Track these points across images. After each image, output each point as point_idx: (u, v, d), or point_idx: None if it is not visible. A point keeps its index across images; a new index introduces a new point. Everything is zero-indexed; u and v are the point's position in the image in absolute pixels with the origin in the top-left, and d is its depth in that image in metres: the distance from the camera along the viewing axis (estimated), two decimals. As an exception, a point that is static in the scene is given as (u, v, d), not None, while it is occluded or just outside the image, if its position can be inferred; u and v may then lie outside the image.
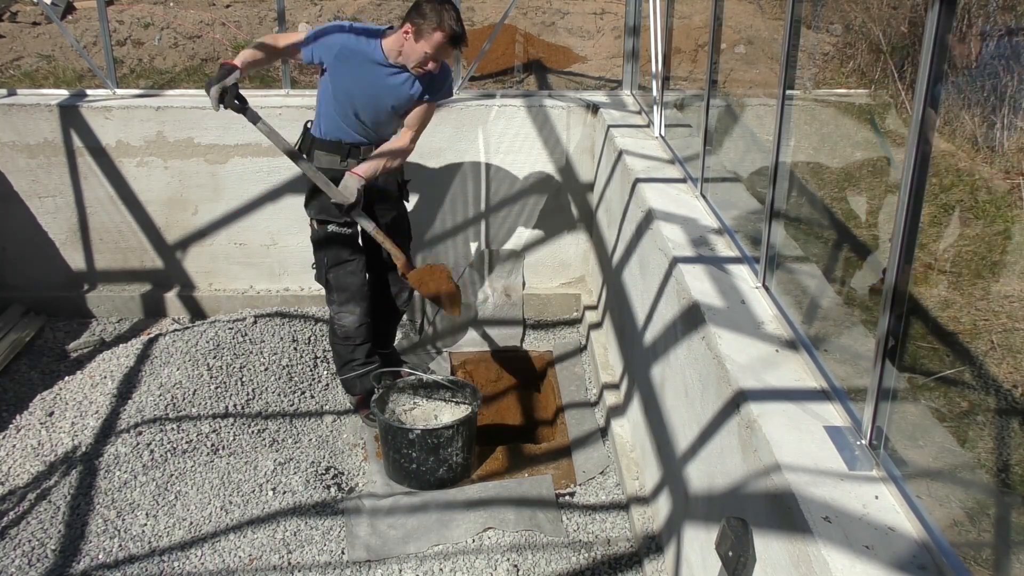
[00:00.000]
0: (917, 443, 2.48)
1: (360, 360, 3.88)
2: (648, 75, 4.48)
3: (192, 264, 4.86)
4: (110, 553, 3.07)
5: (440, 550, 3.09)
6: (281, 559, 3.07)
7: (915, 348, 3.05)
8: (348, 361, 3.90)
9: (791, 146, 2.65)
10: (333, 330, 3.89)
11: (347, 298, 3.79)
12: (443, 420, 3.78)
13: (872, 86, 5.30)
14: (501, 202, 4.80)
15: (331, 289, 3.81)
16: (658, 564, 2.94)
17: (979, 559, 2.09)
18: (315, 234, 3.78)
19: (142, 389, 3.87)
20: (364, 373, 3.87)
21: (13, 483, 3.42)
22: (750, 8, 6.79)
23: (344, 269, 3.76)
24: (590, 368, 4.36)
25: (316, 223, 3.75)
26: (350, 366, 3.90)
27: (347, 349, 3.88)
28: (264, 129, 3.51)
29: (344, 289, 3.78)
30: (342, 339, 3.86)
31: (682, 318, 2.72)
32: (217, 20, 6.46)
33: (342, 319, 3.82)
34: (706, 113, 3.33)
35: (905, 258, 1.74)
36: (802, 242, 3.71)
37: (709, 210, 3.26)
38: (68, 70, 5.73)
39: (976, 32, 4.79)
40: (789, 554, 1.75)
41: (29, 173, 4.62)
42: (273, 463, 3.48)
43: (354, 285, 3.78)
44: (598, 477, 3.55)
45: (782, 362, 2.27)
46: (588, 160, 4.74)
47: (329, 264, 3.76)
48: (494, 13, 6.57)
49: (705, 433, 2.42)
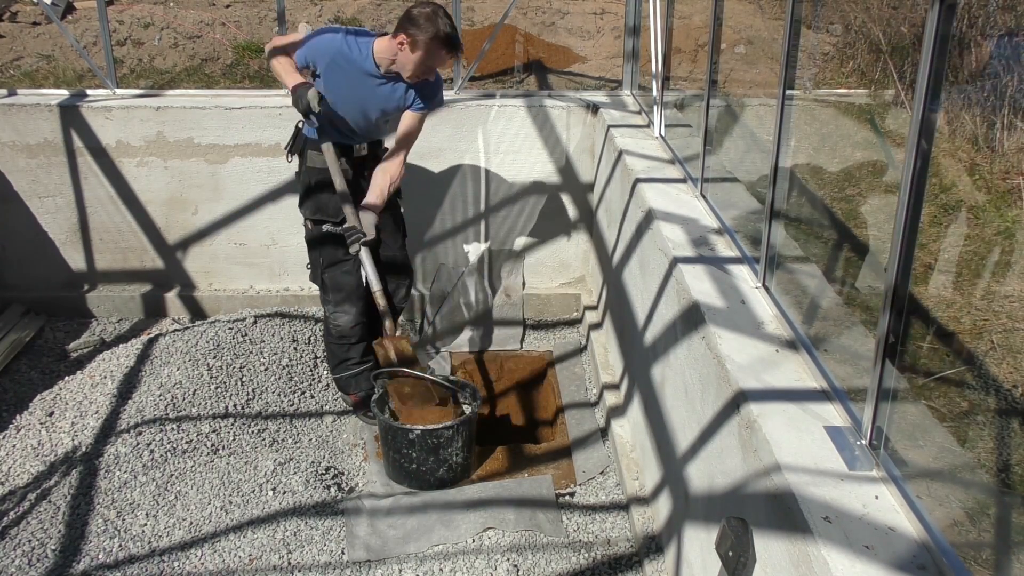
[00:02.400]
0: (917, 443, 2.48)
1: (355, 359, 3.88)
2: (648, 75, 4.48)
3: (192, 264, 4.86)
4: (110, 553, 3.07)
5: (440, 550, 3.09)
6: (281, 559, 3.07)
7: (915, 348, 3.05)
8: (343, 360, 3.89)
9: (791, 146, 2.65)
10: (328, 329, 3.89)
11: (342, 298, 3.78)
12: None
13: (872, 86, 5.30)
14: (501, 202, 4.80)
15: (326, 289, 3.80)
16: (658, 564, 2.94)
17: (979, 559, 2.09)
18: (310, 234, 3.78)
19: (142, 389, 3.87)
20: (358, 373, 3.87)
21: (13, 483, 3.42)
22: (750, 8, 6.79)
23: (339, 269, 3.75)
24: (590, 368, 4.36)
25: (311, 223, 3.74)
26: (344, 365, 3.89)
27: (342, 348, 3.87)
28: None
29: (340, 289, 3.77)
30: (337, 338, 3.86)
31: (682, 318, 2.72)
32: (217, 20, 6.46)
33: (337, 319, 3.81)
34: (706, 113, 3.33)
35: (905, 258, 1.74)
36: (802, 242, 3.71)
37: (709, 210, 3.26)
38: (68, 70, 5.73)
39: (977, 32, 4.80)
40: (789, 554, 1.75)
41: (29, 173, 4.62)
42: (273, 463, 3.48)
43: (350, 285, 3.77)
44: (598, 477, 3.55)
45: (782, 362, 2.27)
46: (588, 160, 4.74)
47: (324, 264, 3.76)
48: (494, 13, 6.57)
49: (705, 433, 2.42)
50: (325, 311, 3.88)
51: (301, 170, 3.77)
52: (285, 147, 3.80)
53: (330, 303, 3.82)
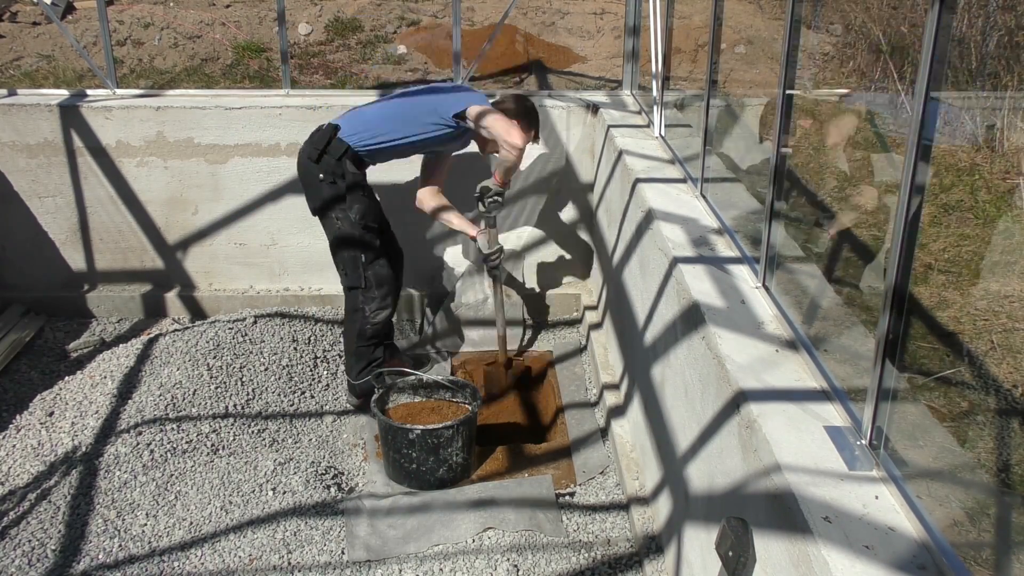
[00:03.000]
0: (917, 443, 2.48)
1: (380, 359, 3.91)
2: (648, 75, 4.48)
3: (192, 264, 4.86)
4: (110, 553, 3.07)
5: (440, 550, 3.09)
6: (281, 559, 3.07)
7: (915, 348, 3.05)
8: (370, 362, 3.91)
9: (791, 146, 2.64)
10: (361, 330, 3.87)
11: (386, 292, 3.86)
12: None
13: (872, 86, 5.30)
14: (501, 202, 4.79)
15: (370, 286, 3.84)
16: (658, 564, 2.94)
17: (979, 559, 2.09)
18: (351, 232, 3.78)
19: (142, 389, 3.87)
20: (379, 374, 3.85)
21: (13, 483, 3.42)
22: (750, 8, 6.79)
23: (379, 263, 3.84)
24: (590, 368, 4.36)
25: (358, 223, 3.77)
26: (371, 368, 3.90)
27: (369, 349, 3.88)
28: None
29: (383, 283, 3.84)
30: (369, 339, 3.86)
31: (682, 318, 2.72)
32: (217, 20, 6.46)
33: (378, 316, 3.85)
34: (706, 113, 3.33)
35: (905, 258, 1.74)
36: (802, 242, 3.71)
37: (709, 210, 3.26)
38: (68, 70, 5.73)
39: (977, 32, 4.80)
40: (789, 554, 1.75)
41: (29, 173, 4.62)
42: (273, 463, 3.48)
43: (390, 277, 3.88)
44: (598, 477, 3.55)
45: (782, 362, 2.27)
46: (588, 160, 4.74)
47: (367, 261, 3.80)
48: (494, 13, 6.57)
49: (705, 433, 2.42)
50: (366, 310, 3.85)
51: (329, 177, 3.74)
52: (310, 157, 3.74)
53: (375, 299, 3.84)
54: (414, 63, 6.00)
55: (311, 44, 6.29)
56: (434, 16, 6.66)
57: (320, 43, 6.31)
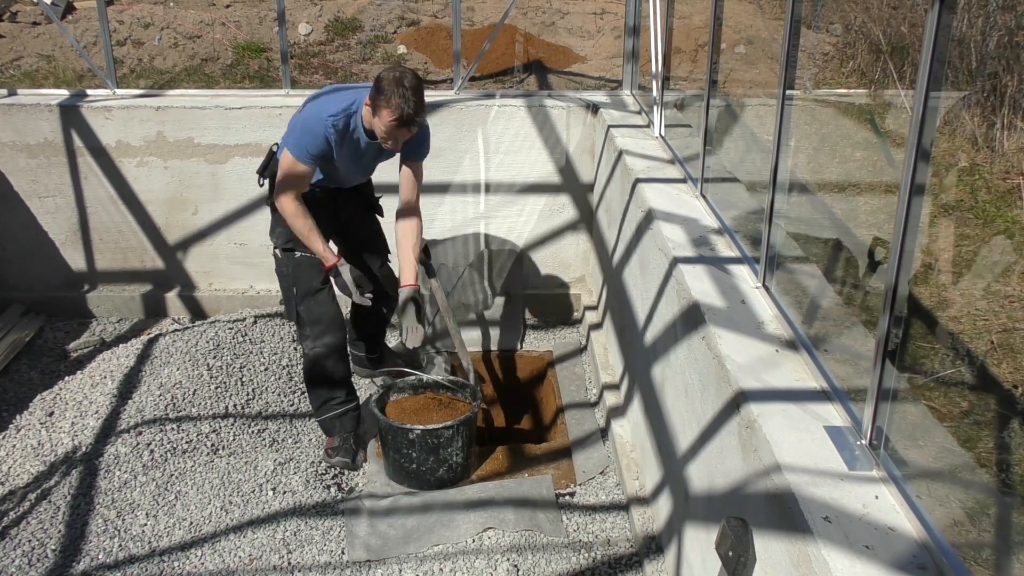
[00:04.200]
0: (917, 443, 2.48)
1: (339, 399, 3.60)
2: (648, 75, 4.48)
3: (192, 264, 4.86)
4: (110, 553, 3.07)
5: (440, 550, 3.09)
6: (281, 559, 3.07)
7: (915, 348, 3.05)
8: (326, 400, 3.61)
9: (791, 146, 2.64)
10: (308, 368, 3.58)
11: (322, 330, 3.50)
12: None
13: (872, 86, 5.30)
14: (501, 202, 4.80)
15: (303, 323, 3.51)
16: (658, 564, 2.94)
17: (979, 559, 2.09)
18: (281, 264, 3.55)
19: (142, 389, 3.87)
20: (343, 413, 3.61)
21: (13, 483, 3.42)
22: (750, 8, 6.79)
23: (315, 300, 3.49)
24: (590, 368, 4.36)
25: (281, 252, 3.53)
26: (328, 406, 3.60)
27: (324, 388, 3.59)
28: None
29: (318, 321, 3.50)
30: (318, 377, 3.57)
31: (682, 318, 2.72)
32: (217, 20, 6.46)
33: (317, 355, 3.52)
34: (706, 113, 3.33)
35: (905, 258, 1.74)
36: (802, 242, 3.71)
37: (709, 210, 3.26)
38: (68, 70, 5.73)
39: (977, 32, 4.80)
40: (789, 554, 1.75)
41: (29, 173, 4.62)
42: (273, 463, 3.48)
43: (328, 315, 3.51)
44: (598, 477, 3.55)
45: (782, 362, 2.27)
46: (588, 160, 4.74)
47: (300, 296, 3.49)
48: (494, 13, 6.57)
49: (705, 433, 2.42)
50: (303, 348, 3.57)
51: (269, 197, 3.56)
52: (257, 171, 3.62)
53: (308, 338, 3.51)
54: (414, 63, 6.00)
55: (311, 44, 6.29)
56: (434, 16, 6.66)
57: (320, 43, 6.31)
